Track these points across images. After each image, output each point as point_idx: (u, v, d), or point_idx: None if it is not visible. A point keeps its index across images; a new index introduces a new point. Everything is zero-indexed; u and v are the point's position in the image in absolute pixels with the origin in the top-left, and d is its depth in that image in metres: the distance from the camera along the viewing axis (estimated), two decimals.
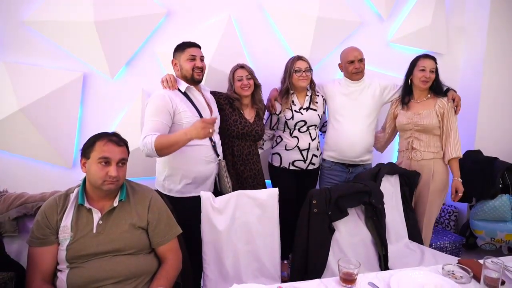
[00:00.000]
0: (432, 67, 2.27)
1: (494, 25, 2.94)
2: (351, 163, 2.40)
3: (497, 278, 1.21)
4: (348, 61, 2.35)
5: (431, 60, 2.29)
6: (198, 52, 1.98)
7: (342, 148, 2.36)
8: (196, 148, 1.90)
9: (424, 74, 2.26)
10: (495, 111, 3.05)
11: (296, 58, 2.29)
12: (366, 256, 1.83)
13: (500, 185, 2.64)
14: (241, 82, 2.16)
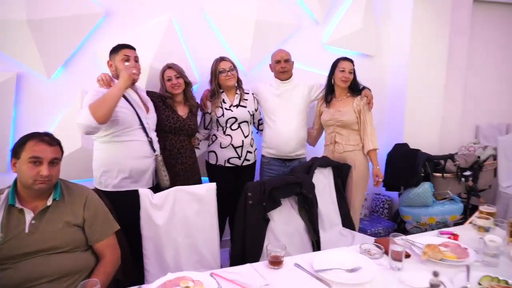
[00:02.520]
0: (350, 68, 2.51)
1: (416, 30, 3.24)
2: (288, 158, 2.58)
3: (401, 251, 1.39)
4: (275, 61, 2.55)
5: (349, 62, 2.53)
6: (132, 53, 2.04)
7: (278, 145, 2.54)
8: (132, 143, 1.98)
9: (343, 75, 2.49)
10: (419, 108, 3.37)
11: (219, 59, 2.42)
12: (300, 243, 1.97)
13: (422, 174, 2.94)
14: (170, 82, 2.25)
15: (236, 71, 2.45)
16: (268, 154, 2.62)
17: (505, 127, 4.10)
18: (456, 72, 3.62)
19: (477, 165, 3.06)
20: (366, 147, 2.52)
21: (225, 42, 2.80)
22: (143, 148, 2.02)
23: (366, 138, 2.52)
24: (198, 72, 2.73)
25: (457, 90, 3.69)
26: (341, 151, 2.55)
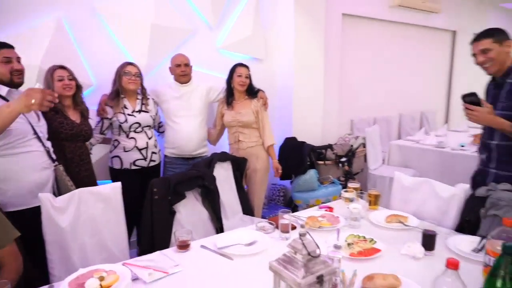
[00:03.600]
0: (246, 73, 2.80)
1: (298, 38, 3.70)
2: (190, 156, 2.76)
3: (287, 224, 1.68)
4: (176, 65, 2.69)
5: (245, 67, 2.82)
6: (13, 54, 1.86)
7: (181, 145, 2.70)
8: (28, 155, 1.85)
9: (241, 79, 2.77)
10: (304, 106, 3.85)
11: (127, 63, 2.48)
12: (205, 231, 2.16)
13: (308, 163, 3.40)
14: (62, 83, 2.13)
15: (141, 79, 2.52)
16: (170, 154, 2.76)
17: (373, 120, 4.93)
18: (333, 75, 4.23)
19: (351, 153, 3.64)
20: (265, 143, 2.85)
21: (121, 44, 2.82)
22: (41, 159, 1.90)
23: (264, 135, 2.85)
24: (93, 74, 2.71)
25: (334, 90, 4.32)
26: (245, 147, 2.83)
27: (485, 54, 1.93)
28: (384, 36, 4.93)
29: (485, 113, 1.84)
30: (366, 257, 1.48)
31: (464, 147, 3.55)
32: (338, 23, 4.24)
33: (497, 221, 1.62)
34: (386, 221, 1.86)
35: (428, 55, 5.68)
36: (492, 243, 1.14)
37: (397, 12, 4.86)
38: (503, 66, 1.94)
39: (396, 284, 1.20)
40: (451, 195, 1.88)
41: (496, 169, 1.97)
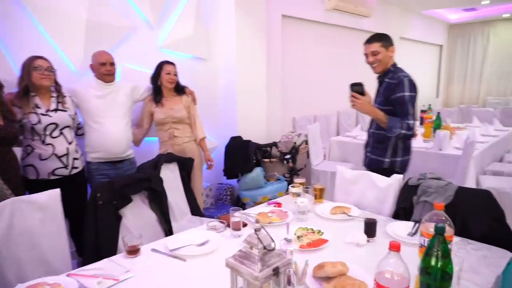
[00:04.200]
0: (174, 70, 2.84)
1: (240, 39, 3.73)
2: (118, 159, 2.63)
3: (239, 221, 1.71)
4: (101, 63, 2.52)
5: (173, 65, 2.85)
6: None
7: (108, 148, 2.55)
8: None
9: (170, 77, 2.79)
10: (248, 105, 3.90)
11: (36, 57, 2.20)
12: (154, 234, 2.10)
13: (254, 161, 3.45)
14: None
15: (55, 74, 2.27)
16: (95, 159, 2.57)
17: (313, 118, 5.14)
18: (275, 74, 4.34)
19: (294, 149, 3.77)
20: (197, 137, 2.95)
21: (52, 41, 2.62)
22: None
23: (196, 130, 2.94)
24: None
25: (277, 89, 4.43)
26: (181, 143, 2.87)
27: (375, 56, 2.28)
28: (321, 37, 5.17)
29: (366, 103, 2.21)
30: (315, 248, 1.55)
31: None
32: (278, 24, 4.35)
33: (427, 206, 1.79)
34: (331, 213, 1.96)
35: (361, 56, 6.05)
36: (425, 226, 1.27)
37: (332, 15, 5.13)
38: (386, 67, 2.32)
39: (344, 270, 1.28)
40: (387, 185, 2.03)
41: (370, 153, 2.43)
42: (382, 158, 2.34)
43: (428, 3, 6.79)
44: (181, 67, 3.04)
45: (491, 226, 1.60)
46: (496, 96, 8.50)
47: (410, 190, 1.92)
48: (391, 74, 2.30)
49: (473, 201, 1.70)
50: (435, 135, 3.68)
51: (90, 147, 2.56)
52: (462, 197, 1.74)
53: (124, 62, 3.03)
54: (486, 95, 8.68)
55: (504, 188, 3.17)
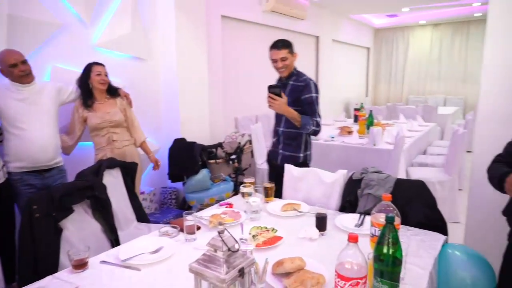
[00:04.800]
0: (105, 71, 2.70)
1: (180, 39, 3.65)
2: (45, 168, 2.41)
3: (193, 225, 1.67)
4: (10, 65, 2.24)
5: (102, 66, 2.70)
6: None
7: (33, 156, 2.32)
8: None
9: (101, 77, 2.65)
10: (190, 106, 3.83)
11: None
12: (99, 245, 1.96)
13: (200, 162, 3.41)
14: None
15: None
16: (17, 169, 2.32)
17: (255, 118, 5.21)
18: (216, 75, 4.32)
19: (239, 150, 3.79)
20: (138, 140, 2.86)
21: None
22: None
23: (135, 132, 2.86)
24: None
25: (218, 89, 4.42)
26: (121, 146, 2.75)
27: (284, 61, 2.47)
28: (261, 38, 5.25)
29: (283, 103, 2.34)
30: (271, 246, 1.58)
31: (334, 138, 4.06)
32: (218, 24, 4.34)
33: (371, 198, 1.92)
34: (282, 210, 2.01)
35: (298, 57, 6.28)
36: (375, 217, 1.36)
37: (270, 17, 5.24)
38: (290, 71, 2.53)
39: (302, 265, 1.32)
40: (333, 180, 2.14)
41: (282, 150, 2.58)
42: (297, 154, 2.56)
43: (356, 8, 7.26)
44: (119, 67, 2.90)
45: (426, 213, 1.77)
46: (417, 94, 9.35)
47: (354, 184, 2.04)
48: (295, 77, 2.53)
49: (410, 191, 1.86)
50: (369, 131, 3.95)
51: (10, 155, 2.29)
52: (400, 188, 1.89)
53: (54, 62, 2.80)
54: (408, 93, 9.52)
55: (429, 178, 3.51)
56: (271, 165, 2.76)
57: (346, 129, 4.33)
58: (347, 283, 1.05)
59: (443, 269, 1.52)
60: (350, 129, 4.31)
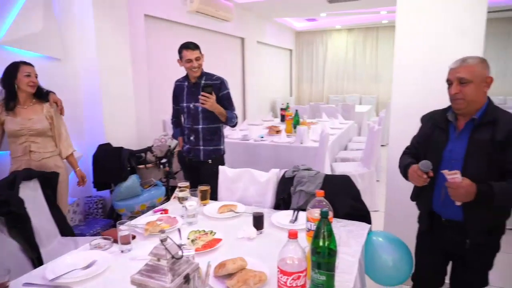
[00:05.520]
0: (35, 72, 2.44)
1: (101, 39, 3.43)
2: None
3: (128, 235, 1.60)
4: None
5: (32, 66, 2.44)
6: None
7: None
8: None
9: (31, 79, 2.39)
10: (115, 110, 3.63)
11: None
12: (19, 266, 1.77)
13: (128, 168, 3.25)
14: None
15: None
16: None
17: None
18: (141, 76, 4.16)
19: (169, 153, 3.70)
20: (64, 152, 2.59)
21: None
22: None
23: (62, 144, 2.58)
24: None
25: (145, 91, 4.26)
26: (39, 158, 2.46)
27: (198, 61, 2.60)
28: (186, 39, 5.14)
29: (213, 101, 2.51)
30: (211, 249, 1.58)
31: (263, 138, 4.17)
32: (141, 23, 4.18)
33: (303, 195, 2.03)
34: (219, 212, 2.02)
35: (224, 58, 6.33)
36: (311, 212, 1.45)
37: (195, 17, 5.19)
38: (201, 71, 2.69)
39: (244, 264, 1.35)
40: (267, 179, 2.21)
41: (204, 146, 2.71)
42: (219, 147, 2.79)
43: (278, 11, 7.54)
44: None
45: (352, 205, 1.92)
46: (336, 94, 10.03)
47: (287, 182, 2.14)
48: (205, 76, 2.69)
49: (337, 185, 2.01)
50: (296, 130, 4.14)
51: None
52: (328, 183, 2.03)
53: None
54: (328, 93, 10.16)
55: (351, 172, 3.80)
56: (188, 163, 2.82)
57: (274, 128, 4.48)
58: (289, 278, 1.11)
59: (369, 254, 1.67)
60: (278, 129, 4.47)
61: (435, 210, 1.69)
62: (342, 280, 1.32)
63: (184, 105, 2.73)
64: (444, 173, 1.49)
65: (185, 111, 2.74)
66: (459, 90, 1.53)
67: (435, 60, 2.25)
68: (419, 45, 2.30)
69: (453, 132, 1.62)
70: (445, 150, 1.61)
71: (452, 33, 2.21)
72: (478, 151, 1.51)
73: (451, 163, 1.57)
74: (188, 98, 2.71)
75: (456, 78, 1.54)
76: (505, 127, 1.47)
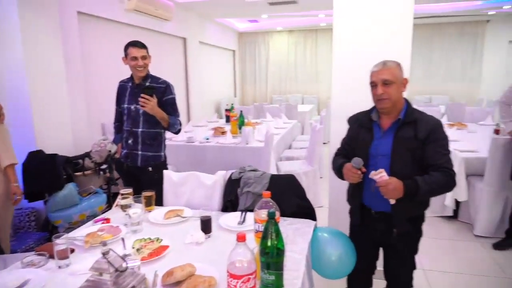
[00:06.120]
0: None
1: (28, 39, 3.17)
2: None
3: (65, 249, 1.49)
4: None
5: None
6: None
7: None
8: None
9: None
10: (47, 114, 3.37)
11: None
12: None
13: (64, 176, 3.04)
14: None
15: None
16: None
17: None
18: (76, 77, 3.91)
19: (110, 158, 3.52)
20: (2, 163, 2.34)
21: None
22: None
23: (2, 153, 2.34)
24: None
25: (80, 93, 4.00)
26: None
27: (144, 60, 2.50)
28: (125, 38, 4.92)
29: (154, 104, 2.40)
30: (158, 257, 1.53)
31: (208, 140, 4.13)
32: (74, 21, 3.92)
33: (250, 196, 2.04)
34: (165, 218, 1.96)
35: (166, 59, 6.17)
36: (258, 213, 1.46)
37: (133, 16, 4.99)
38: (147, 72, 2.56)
39: (192, 270, 1.33)
40: (213, 182, 2.19)
41: (143, 151, 2.57)
42: (160, 153, 2.65)
43: (219, 12, 7.52)
44: None
45: (298, 203, 1.98)
46: (279, 94, 10.25)
47: (233, 183, 2.14)
48: (150, 79, 2.57)
49: (283, 185, 2.05)
50: (241, 131, 4.16)
51: None
52: (274, 183, 2.06)
53: None
54: (272, 93, 10.35)
55: (296, 170, 3.91)
56: (126, 170, 2.65)
57: (219, 129, 4.47)
58: (239, 281, 1.11)
59: (315, 250, 1.73)
60: (224, 130, 4.46)
61: (365, 204, 1.80)
62: (290, 277, 1.35)
63: (125, 106, 2.60)
64: (371, 175, 1.60)
65: (125, 112, 2.60)
66: (384, 90, 1.66)
67: (369, 62, 2.37)
68: (355, 47, 2.43)
69: (378, 131, 1.75)
70: (371, 147, 1.73)
71: (384, 37, 2.36)
72: (403, 148, 1.66)
73: (378, 159, 1.70)
74: (130, 99, 2.58)
75: (380, 79, 1.67)
76: (425, 126, 1.64)
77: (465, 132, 4.57)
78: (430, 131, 1.63)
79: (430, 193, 1.63)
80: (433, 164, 1.61)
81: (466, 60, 8.69)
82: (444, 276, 2.69)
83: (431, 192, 1.62)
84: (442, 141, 1.64)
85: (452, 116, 6.20)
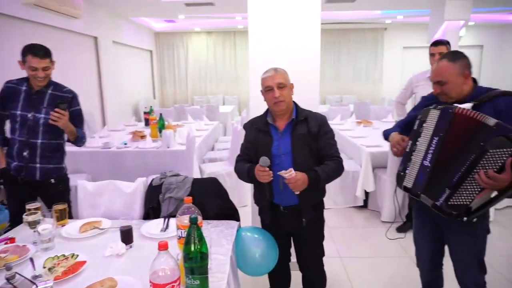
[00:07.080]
0: None
1: None
2: None
3: None
4: None
5: None
6: None
7: None
8: None
9: None
10: None
11: None
12: None
13: None
14: None
15: None
16: None
17: None
18: None
19: None
20: None
21: None
22: None
23: None
24: None
25: None
26: None
27: (46, 71, 2.20)
28: (24, 36, 4.48)
29: (67, 119, 2.23)
30: (74, 274, 1.43)
31: (127, 145, 3.95)
32: None
33: (172, 201, 2.02)
34: (81, 232, 1.84)
35: (74, 59, 5.72)
36: (180, 219, 1.45)
37: (34, 12, 4.53)
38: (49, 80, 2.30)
39: (113, 284, 1.28)
40: (133, 189, 2.12)
41: (42, 164, 2.32)
42: (61, 165, 2.45)
43: (134, 11, 7.20)
44: None
45: (221, 205, 2.01)
46: (200, 95, 10.18)
47: (155, 190, 2.09)
48: (53, 86, 2.33)
49: (205, 188, 2.07)
50: (161, 135, 4.05)
51: None
52: (197, 187, 2.07)
53: None
54: (193, 94, 10.22)
55: (219, 171, 3.95)
56: (21, 183, 2.33)
57: (138, 133, 4.29)
58: None
59: (240, 249, 1.79)
60: (143, 133, 4.29)
61: (275, 202, 1.91)
62: (215, 280, 1.37)
63: (18, 113, 2.25)
64: (281, 174, 1.71)
65: (17, 120, 2.26)
66: (280, 93, 1.81)
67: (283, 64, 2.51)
68: (270, 49, 2.53)
69: (275, 133, 1.89)
70: (273, 148, 1.86)
71: (295, 41, 2.50)
72: (301, 144, 1.83)
73: (282, 158, 1.83)
74: (25, 106, 2.25)
75: (275, 83, 1.82)
76: (315, 122, 1.85)
77: (371, 129, 5.05)
78: (320, 125, 1.85)
79: (327, 180, 1.84)
80: (326, 154, 1.85)
81: (369, 63, 9.64)
82: (358, 261, 2.96)
83: (328, 179, 1.83)
84: (330, 133, 1.88)
85: (359, 114, 6.80)
